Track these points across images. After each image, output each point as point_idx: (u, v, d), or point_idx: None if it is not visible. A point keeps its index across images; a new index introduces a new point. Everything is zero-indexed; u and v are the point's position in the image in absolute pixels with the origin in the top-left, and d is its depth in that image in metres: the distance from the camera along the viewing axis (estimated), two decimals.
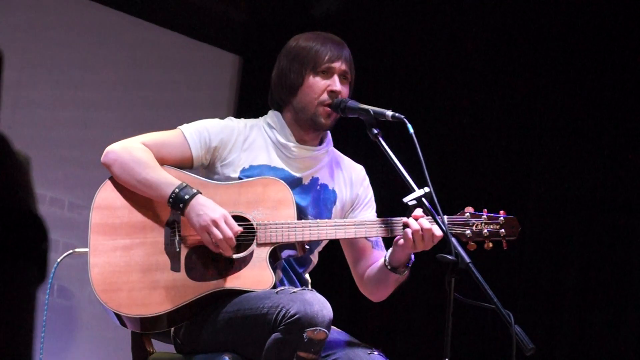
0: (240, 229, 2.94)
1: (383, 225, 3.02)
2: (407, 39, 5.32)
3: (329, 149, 3.22)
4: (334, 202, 3.19)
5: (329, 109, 3.10)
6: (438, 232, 2.91)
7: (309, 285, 3.15)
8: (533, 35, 5.14)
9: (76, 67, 4.86)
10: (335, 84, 3.10)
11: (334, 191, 3.19)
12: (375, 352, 2.99)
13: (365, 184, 3.27)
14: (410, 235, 2.92)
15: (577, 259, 4.95)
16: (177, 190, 2.94)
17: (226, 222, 2.92)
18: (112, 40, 4.98)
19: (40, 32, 4.74)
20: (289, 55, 3.15)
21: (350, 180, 3.24)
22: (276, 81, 3.17)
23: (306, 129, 3.14)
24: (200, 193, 2.95)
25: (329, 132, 3.22)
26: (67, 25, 4.86)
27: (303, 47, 3.13)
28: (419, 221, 2.93)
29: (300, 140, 3.15)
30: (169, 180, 2.97)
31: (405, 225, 2.94)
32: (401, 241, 2.97)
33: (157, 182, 2.97)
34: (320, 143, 3.20)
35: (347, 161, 3.29)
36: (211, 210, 2.92)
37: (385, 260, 3.06)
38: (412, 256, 3.04)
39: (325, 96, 3.10)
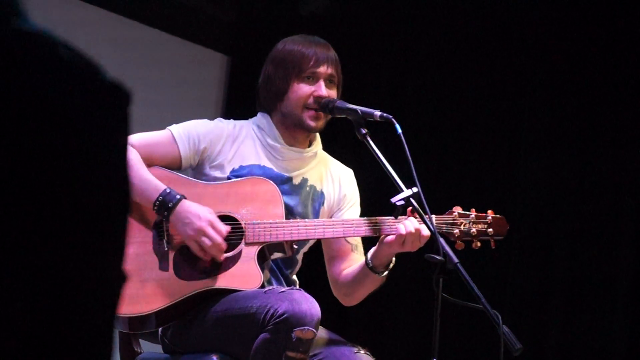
0: (228, 228, 2.94)
1: (371, 225, 3.02)
2: (394, 39, 5.33)
3: (317, 151, 3.22)
4: (322, 204, 3.19)
5: (314, 112, 3.09)
6: (425, 232, 2.91)
7: (297, 286, 3.15)
8: (520, 34, 5.15)
9: None
10: (321, 89, 3.08)
11: (322, 193, 3.19)
12: (362, 351, 2.99)
13: (353, 187, 3.26)
14: (402, 233, 2.92)
15: (565, 258, 4.96)
16: (161, 197, 2.93)
17: (213, 228, 2.91)
18: (99, 39, 4.97)
19: None
20: (274, 60, 3.14)
21: (339, 182, 3.23)
22: (263, 87, 3.17)
23: (295, 131, 3.14)
24: (185, 198, 2.94)
25: (317, 134, 3.22)
26: (55, 23, 4.84)
27: (288, 52, 3.11)
28: (409, 219, 2.94)
29: (289, 142, 3.15)
30: (153, 185, 2.96)
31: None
32: (389, 238, 2.96)
33: (141, 187, 2.95)
34: (310, 145, 3.20)
35: (336, 164, 3.28)
36: (196, 217, 2.91)
37: (366, 259, 3.05)
38: (393, 259, 3.04)
39: (311, 101, 3.09)
